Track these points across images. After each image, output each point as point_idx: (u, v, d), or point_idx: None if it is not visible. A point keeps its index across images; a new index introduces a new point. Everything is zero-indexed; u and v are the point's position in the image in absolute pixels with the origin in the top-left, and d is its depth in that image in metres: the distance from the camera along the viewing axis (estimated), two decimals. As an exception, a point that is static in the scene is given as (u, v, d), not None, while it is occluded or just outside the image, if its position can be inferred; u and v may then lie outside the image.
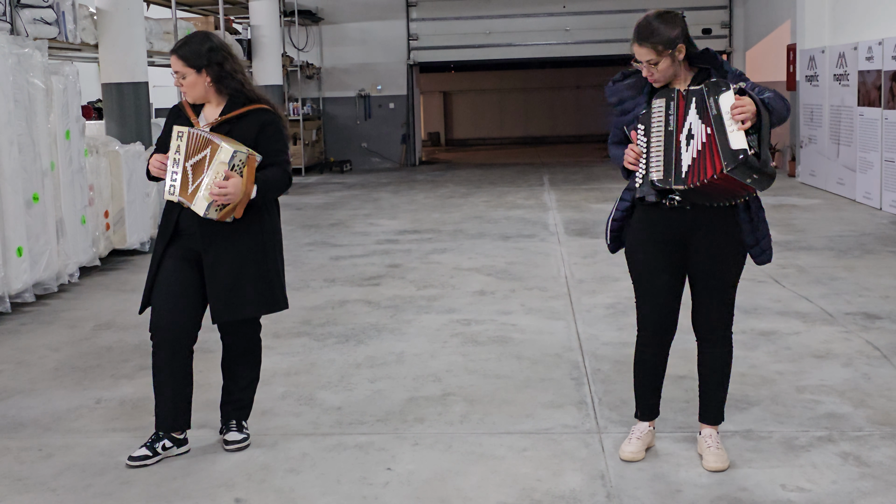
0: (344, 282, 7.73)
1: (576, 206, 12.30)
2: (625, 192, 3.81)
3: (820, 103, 13.33)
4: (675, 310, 3.79)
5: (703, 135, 3.47)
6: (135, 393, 4.92)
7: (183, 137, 3.79)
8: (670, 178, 3.53)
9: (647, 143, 3.61)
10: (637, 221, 3.77)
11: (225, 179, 3.71)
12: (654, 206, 3.67)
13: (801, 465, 3.81)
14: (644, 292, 3.79)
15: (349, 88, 19.56)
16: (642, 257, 3.75)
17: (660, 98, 3.59)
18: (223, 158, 3.72)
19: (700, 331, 3.86)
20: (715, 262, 3.71)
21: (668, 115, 3.55)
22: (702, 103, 3.50)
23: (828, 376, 4.96)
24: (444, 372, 5.19)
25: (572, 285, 7.38)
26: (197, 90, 3.92)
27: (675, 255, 3.73)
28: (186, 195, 3.80)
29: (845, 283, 7.19)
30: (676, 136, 3.53)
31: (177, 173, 3.80)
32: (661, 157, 3.55)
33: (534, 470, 3.83)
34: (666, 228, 3.70)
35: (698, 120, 3.50)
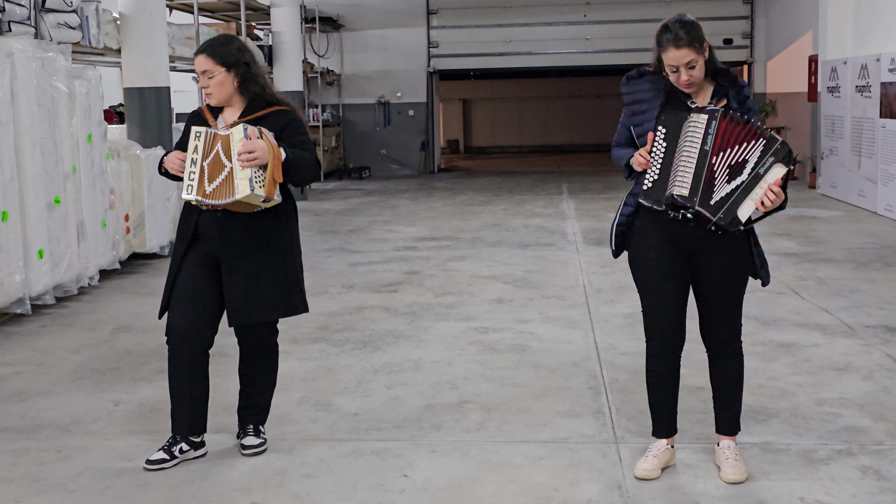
0: (362, 288, 7.74)
1: (594, 216, 12.28)
2: (628, 197, 3.76)
3: (841, 115, 13.27)
4: (681, 317, 3.76)
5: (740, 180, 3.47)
6: (153, 396, 4.93)
7: (200, 137, 3.80)
8: (695, 198, 3.48)
9: (665, 149, 3.56)
10: (641, 227, 3.73)
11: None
12: (660, 214, 3.63)
13: (819, 478, 3.79)
14: (651, 300, 3.75)
15: (369, 95, 19.61)
16: (648, 264, 3.71)
17: (703, 114, 3.51)
18: (238, 137, 3.73)
19: (710, 343, 3.84)
20: (722, 277, 3.69)
21: (707, 135, 3.48)
22: (762, 156, 3.47)
23: (847, 389, 4.92)
24: (461, 379, 5.18)
25: (590, 294, 7.37)
26: (224, 90, 3.93)
27: (680, 263, 3.69)
28: (204, 193, 3.79)
29: (865, 295, 7.15)
30: (710, 157, 3.48)
31: (194, 173, 3.79)
32: (689, 173, 3.49)
33: (550, 479, 3.82)
34: (671, 235, 3.66)
35: (752, 165, 3.47)
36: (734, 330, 3.80)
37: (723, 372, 3.85)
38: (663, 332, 3.76)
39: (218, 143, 3.78)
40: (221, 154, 3.76)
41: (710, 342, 3.83)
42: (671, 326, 3.75)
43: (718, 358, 3.85)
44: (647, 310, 3.78)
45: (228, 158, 3.75)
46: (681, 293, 3.73)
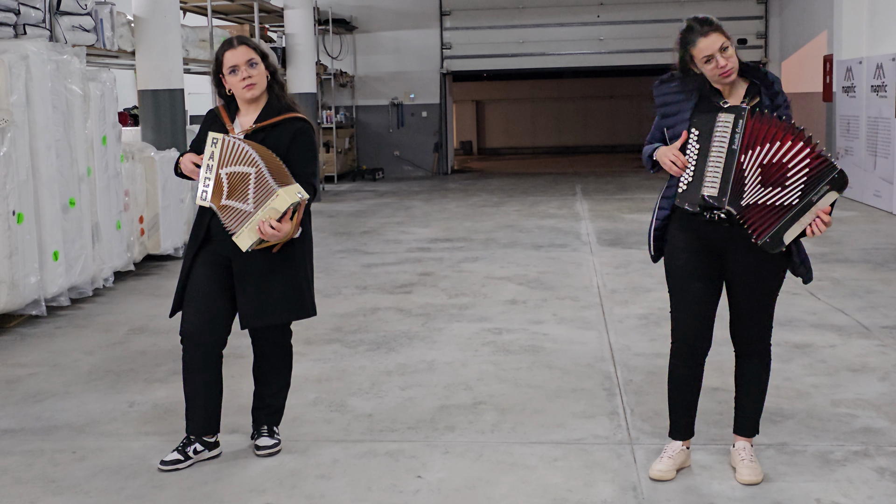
0: (376, 289, 7.74)
1: (608, 217, 12.25)
2: (662, 201, 3.75)
3: (857, 115, 13.20)
4: (710, 320, 3.72)
5: (792, 196, 3.43)
6: (167, 397, 4.94)
7: (217, 144, 3.80)
8: (724, 199, 3.46)
9: (698, 150, 3.53)
10: (675, 228, 3.71)
11: (279, 221, 3.74)
12: (693, 215, 3.61)
13: (836, 479, 3.76)
14: (679, 300, 3.72)
15: (382, 97, 19.63)
16: (678, 264, 3.69)
17: (729, 113, 3.49)
18: (278, 206, 3.73)
19: (738, 343, 3.81)
20: (756, 274, 3.65)
21: (735, 134, 3.46)
22: (818, 178, 3.43)
23: (864, 390, 4.89)
24: (475, 380, 5.17)
25: (604, 295, 7.35)
26: (264, 81, 3.94)
27: (712, 264, 3.67)
28: (218, 203, 3.80)
29: (882, 296, 7.11)
30: (738, 156, 3.45)
31: (209, 179, 3.80)
32: (718, 173, 3.47)
33: (565, 480, 3.81)
34: (704, 237, 3.64)
35: (801, 181, 3.43)
36: (764, 330, 3.77)
37: (748, 372, 3.82)
38: (687, 333, 3.72)
39: (250, 167, 3.75)
40: (252, 187, 3.75)
41: (739, 341, 3.80)
42: (695, 328, 3.71)
43: (745, 358, 3.81)
44: (674, 310, 3.76)
45: (258, 202, 3.75)
46: (710, 295, 3.69)
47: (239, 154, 3.78)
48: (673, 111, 3.70)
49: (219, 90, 4.07)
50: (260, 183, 3.76)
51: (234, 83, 3.93)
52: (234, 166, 3.78)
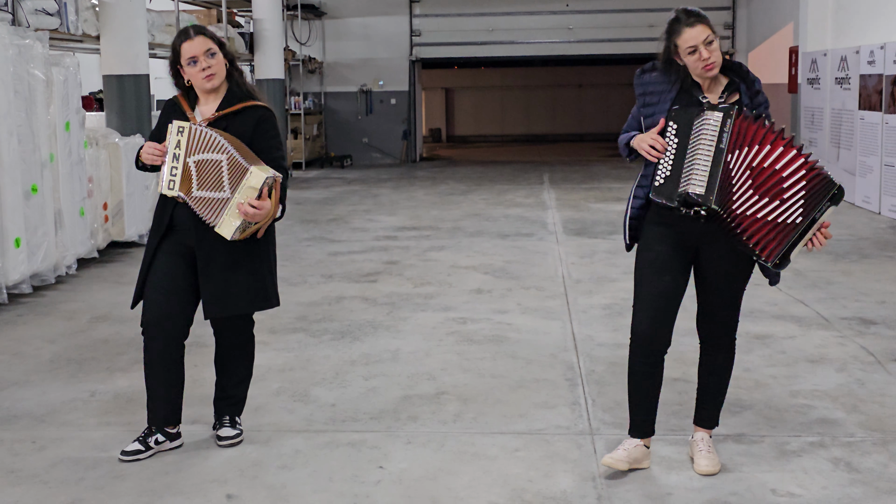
0: (341, 278, 7.74)
1: (575, 206, 12.30)
2: (637, 190, 3.72)
3: (821, 106, 13.33)
4: (672, 316, 3.69)
5: (794, 213, 3.43)
6: (129, 386, 4.92)
7: (184, 133, 3.78)
8: (711, 197, 3.45)
9: (677, 145, 3.54)
10: (650, 222, 3.70)
11: (258, 199, 3.72)
12: (670, 209, 3.60)
13: (792, 470, 3.82)
14: (644, 294, 3.69)
15: (351, 83, 19.56)
16: (650, 257, 3.67)
17: (718, 111, 3.49)
18: (254, 184, 3.72)
19: (705, 336, 3.83)
20: (728, 270, 3.68)
21: (723, 132, 3.46)
22: (817, 192, 3.44)
23: (821, 381, 4.96)
24: (438, 370, 5.19)
25: (569, 285, 7.39)
26: (223, 71, 3.91)
27: (684, 259, 3.67)
28: (188, 193, 3.78)
29: (842, 287, 7.20)
30: (725, 155, 3.45)
31: (177, 168, 3.78)
32: (705, 171, 3.46)
33: (525, 471, 3.84)
34: (679, 231, 3.64)
35: (800, 194, 3.43)
36: (731, 324, 3.80)
37: (712, 365, 3.85)
38: (647, 328, 3.67)
39: (225, 156, 3.74)
40: (227, 174, 3.73)
41: (705, 334, 3.83)
42: (656, 324, 3.67)
43: (710, 350, 3.84)
44: (637, 304, 3.71)
45: (233, 188, 3.74)
46: (676, 290, 3.67)
47: (207, 142, 3.76)
48: (653, 101, 3.69)
49: (176, 81, 4.04)
50: (232, 167, 3.75)
51: (194, 74, 3.91)
52: (202, 154, 3.76)
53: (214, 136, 3.76)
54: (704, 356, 3.89)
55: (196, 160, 3.78)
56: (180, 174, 3.78)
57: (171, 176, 3.80)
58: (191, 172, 3.78)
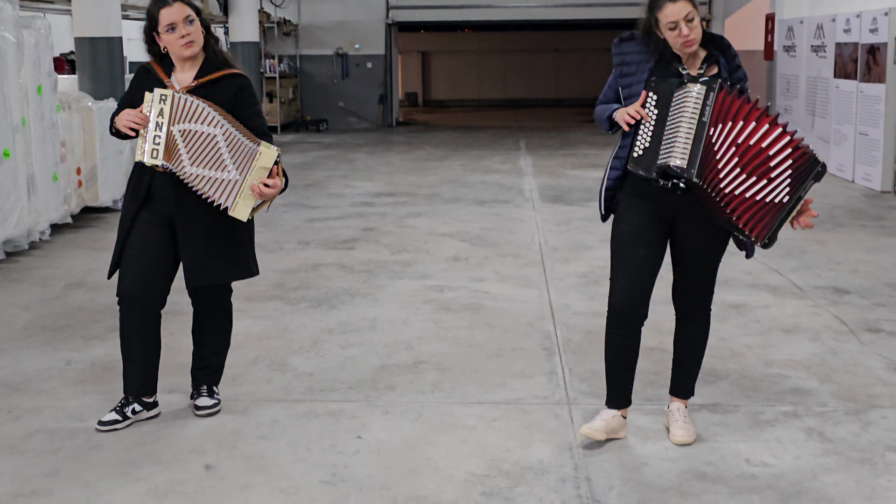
0: (318, 245, 7.71)
1: (552, 172, 12.31)
2: (614, 161, 3.71)
3: (797, 74, 13.36)
4: (648, 288, 3.70)
5: (780, 191, 3.43)
6: (105, 355, 4.89)
7: (167, 100, 3.71)
8: (693, 170, 3.43)
9: (656, 116, 3.51)
10: (626, 194, 3.70)
11: (269, 177, 3.73)
12: (647, 180, 3.58)
13: (766, 439, 3.86)
14: (621, 267, 3.69)
15: (326, 46, 19.39)
16: (626, 229, 3.67)
17: (701, 85, 3.47)
18: (265, 164, 3.72)
19: (681, 307, 3.85)
20: (703, 242, 3.68)
21: (706, 106, 3.43)
22: (804, 172, 3.44)
23: (795, 351, 5.01)
24: (416, 339, 5.20)
25: (546, 253, 7.40)
26: (201, 38, 3.86)
27: (660, 231, 3.67)
28: (175, 163, 3.73)
29: (816, 256, 7.26)
30: (708, 129, 3.43)
31: (160, 137, 3.71)
32: (687, 144, 3.43)
33: (503, 440, 3.86)
34: (656, 203, 3.64)
35: (786, 173, 3.43)
36: (707, 296, 3.82)
37: (688, 336, 3.88)
38: (624, 300, 3.68)
39: (216, 128, 3.70)
40: (226, 150, 3.70)
41: (681, 306, 3.85)
42: (633, 296, 3.68)
43: (687, 323, 3.86)
44: (613, 276, 3.72)
45: (241, 169, 3.72)
46: (652, 262, 3.67)
47: (193, 111, 3.70)
48: (631, 71, 3.68)
49: (149, 48, 3.97)
50: (234, 146, 3.72)
51: (172, 41, 3.84)
52: (188, 124, 3.71)
53: (201, 107, 3.71)
54: (680, 327, 3.91)
55: (182, 129, 3.72)
56: (164, 143, 3.72)
57: (154, 145, 3.73)
58: (176, 142, 3.72)
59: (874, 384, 4.50)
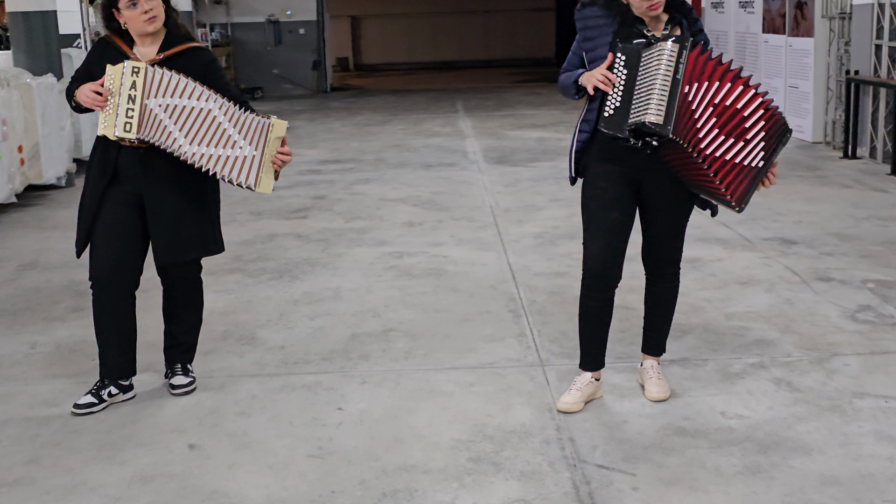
0: (270, 215, 7.65)
1: (492, 134, 12.34)
2: (582, 124, 3.72)
3: (725, 30, 13.54)
4: (622, 250, 3.76)
5: (755, 155, 3.47)
6: (70, 336, 4.83)
7: (140, 74, 3.62)
8: (669, 126, 3.44)
9: (626, 76, 3.52)
10: (594, 159, 3.72)
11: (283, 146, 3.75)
12: (614, 140, 3.59)
13: (737, 392, 3.97)
14: (594, 230, 3.73)
15: (258, 14, 19.07)
16: (597, 193, 3.71)
17: (675, 42, 3.47)
18: (280, 134, 3.73)
19: (651, 267, 3.92)
20: (670, 201, 3.74)
21: (679, 64, 3.44)
22: (777, 136, 3.50)
23: (753, 302, 5.13)
24: (382, 307, 5.21)
25: (498, 215, 7.45)
26: (163, 13, 3.79)
27: (629, 193, 3.71)
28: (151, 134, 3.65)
29: (759, 208, 7.40)
30: (682, 86, 3.44)
31: (133, 110, 3.63)
32: (664, 101, 3.43)
33: (483, 405, 3.91)
34: (623, 166, 3.67)
35: (760, 137, 3.48)
36: (676, 255, 3.89)
37: (658, 295, 3.95)
38: (600, 263, 3.73)
39: (209, 103, 3.67)
40: (229, 125, 3.69)
41: (651, 265, 3.91)
42: (609, 259, 3.73)
43: (657, 281, 3.94)
44: (587, 240, 3.76)
45: (256, 144, 3.72)
46: (624, 224, 3.72)
47: (175, 85, 3.63)
48: (593, 34, 3.68)
49: (108, 24, 3.88)
50: (238, 121, 3.70)
51: (134, 17, 3.76)
52: (169, 98, 3.63)
53: (182, 80, 3.65)
54: (650, 287, 3.99)
55: (163, 104, 3.64)
56: (137, 116, 3.64)
57: (126, 118, 3.64)
58: (157, 117, 3.64)
59: (833, 332, 4.65)
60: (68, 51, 9.55)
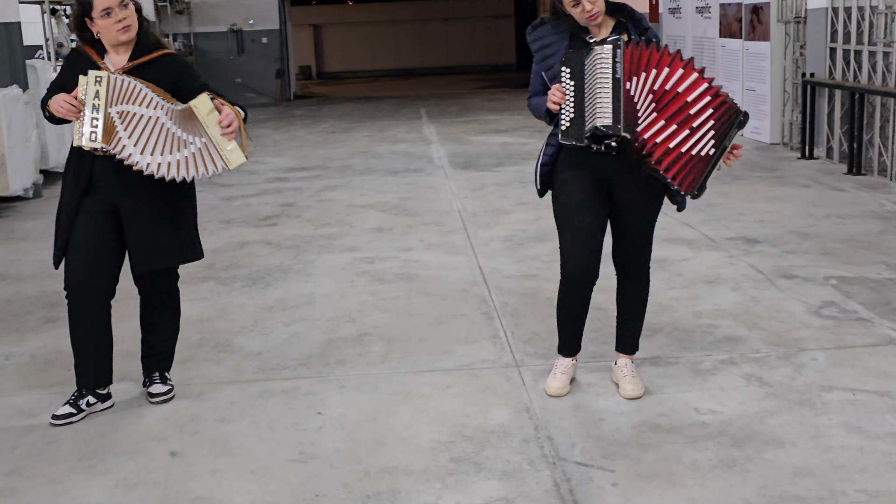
0: (240, 223, 7.66)
1: (457, 139, 12.41)
2: (550, 138, 3.85)
3: (683, 35, 13.72)
4: (598, 252, 3.85)
5: (706, 142, 3.52)
6: (44, 347, 4.81)
7: (102, 82, 3.65)
8: (619, 125, 3.52)
9: (576, 85, 3.60)
10: (564, 166, 3.82)
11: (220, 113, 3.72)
12: (581, 149, 3.70)
13: (709, 388, 4.06)
14: (570, 235, 3.82)
15: (221, 23, 19.03)
16: (569, 199, 3.80)
17: (607, 45, 3.55)
18: (206, 108, 3.69)
19: (621, 268, 4.01)
20: (641, 203, 3.82)
21: (616, 63, 3.52)
22: (728, 122, 3.53)
23: (720, 301, 5.23)
24: (356, 312, 5.25)
25: (466, 219, 7.52)
26: (136, 22, 3.81)
27: (601, 197, 3.80)
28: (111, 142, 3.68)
29: (722, 209, 7.55)
30: (624, 84, 3.52)
31: (97, 119, 3.65)
32: (608, 103, 3.53)
33: (461, 406, 3.96)
34: (593, 170, 3.76)
35: (710, 125, 3.52)
36: (646, 255, 3.98)
37: (629, 295, 4.04)
38: (578, 266, 3.82)
39: (154, 106, 3.66)
40: (171, 123, 3.67)
41: (622, 266, 4.00)
42: (587, 262, 3.82)
43: (627, 281, 4.02)
44: (564, 244, 3.85)
45: (196, 133, 3.69)
46: (599, 227, 3.82)
47: (130, 92, 3.65)
48: (549, 53, 3.78)
49: (80, 33, 3.90)
50: (178, 119, 3.70)
51: (108, 26, 3.78)
52: (126, 105, 3.66)
53: (139, 87, 3.67)
54: (622, 287, 4.08)
55: (120, 111, 3.67)
56: (101, 125, 3.67)
57: (91, 128, 3.66)
58: (114, 123, 3.67)
59: (799, 328, 4.76)
60: (32, 62, 9.50)
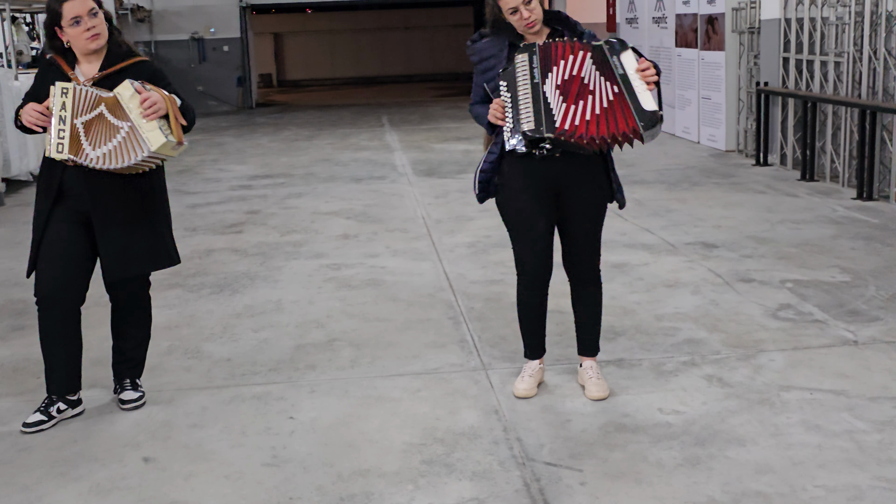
0: (206, 230, 7.67)
1: (419, 147, 12.49)
2: (493, 146, 3.93)
3: (640, 44, 13.93)
4: (551, 251, 4.00)
5: (607, 92, 3.62)
6: (12, 355, 4.81)
7: (69, 94, 3.69)
8: (542, 127, 3.64)
9: (511, 97, 3.70)
10: (508, 173, 3.90)
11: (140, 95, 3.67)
12: (525, 157, 3.80)
13: (672, 389, 4.16)
14: (523, 240, 3.96)
15: (182, 31, 18.97)
16: (518, 206, 3.91)
17: (522, 53, 3.68)
18: (128, 93, 3.66)
19: (574, 272, 4.11)
20: (586, 208, 3.94)
21: (533, 69, 3.65)
22: (604, 61, 3.64)
23: (680, 304, 5.35)
24: (325, 317, 5.31)
25: (431, 225, 7.59)
26: (106, 30, 3.83)
27: (549, 202, 3.91)
28: (77, 153, 3.71)
29: (680, 214, 7.69)
30: (542, 86, 3.64)
31: (64, 131, 3.69)
32: (529, 108, 3.64)
33: (431, 409, 4.03)
34: (538, 178, 3.86)
35: (599, 76, 3.63)
36: (596, 258, 4.10)
37: (585, 299, 4.15)
38: (535, 268, 3.99)
39: (101, 105, 3.69)
40: (109, 115, 3.68)
41: (574, 270, 4.10)
42: (542, 263, 3.98)
43: (581, 286, 4.13)
44: (519, 249, 3.99)
45: (124, 118, 3.68)
46: (550, 230, 3.97)
47: (93, 101, 3.70)
48: (490, 65, 3.88)
49: (52, 42, 3.92)
50: (111, 107, 3.70)
51: (77, 35, 3.81)
52: (89, 115, 3.70)
53: (96, 95, 3.70)
54: (575, 291, 4.18)
55: (84, 121, 3.71)
56: (68, 136, 3.70)
57: (58, 139, 3.70)
58: (79, 134, 3.71)
59: (757, 330, 4.89)
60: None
